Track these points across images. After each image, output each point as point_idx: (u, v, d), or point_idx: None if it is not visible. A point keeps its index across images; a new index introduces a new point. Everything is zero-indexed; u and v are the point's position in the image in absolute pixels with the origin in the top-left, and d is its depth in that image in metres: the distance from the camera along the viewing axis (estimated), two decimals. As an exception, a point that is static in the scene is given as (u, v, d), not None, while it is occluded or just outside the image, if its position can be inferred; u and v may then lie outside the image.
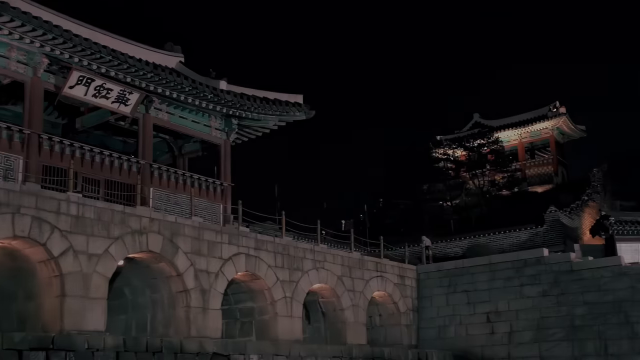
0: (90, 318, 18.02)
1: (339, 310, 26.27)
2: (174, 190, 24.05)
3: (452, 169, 53.38)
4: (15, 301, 18.94)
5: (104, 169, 22.25)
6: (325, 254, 26.10)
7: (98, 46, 20.59)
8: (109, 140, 26.83)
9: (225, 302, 23.15)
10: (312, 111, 27.68)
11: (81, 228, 18.50)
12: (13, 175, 19.29)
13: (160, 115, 24.25)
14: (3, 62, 19.92)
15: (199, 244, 21.56)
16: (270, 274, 23.60)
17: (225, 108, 24.90)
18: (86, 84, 21.37)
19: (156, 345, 18.19)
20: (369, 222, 48.55)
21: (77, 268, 18.09)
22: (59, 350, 16.10)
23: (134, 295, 22.03)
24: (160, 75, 22.22)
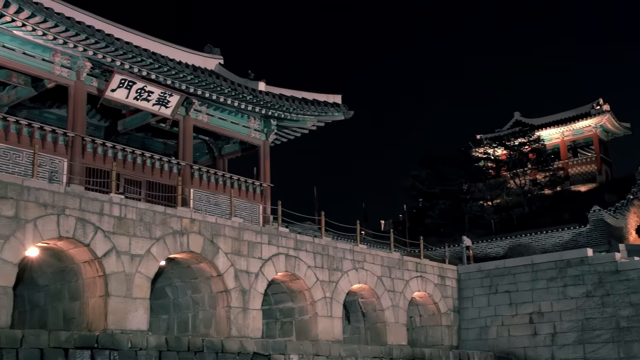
0: (133, 317, 18.26)
1: (379, 310, 26.17)
2: (214, 191, 24.24)
3: (492, 168, 52.79)
4: (61, 300, 19.32)
5: (145, 171, 22.52)
6: (364, 254, 26.03)
7: (139, 49, 20.86)
8: (150, 142, 27.20)
9: (265, 303, 23.26)
10: (351, 111, 27.62)
11: (124, 229, 18.77)
12: (58, 177, 19.65)
13: (200, 117, 24.46)
14: (48, 67, 20.30)
15: (239, 244, 21.69)
16: (309, 274, 23.63)
17: (264, 109, 25.01)
18: (128, 87, 21.67)
19: (197, 344, 18.35)
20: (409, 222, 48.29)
21: (120, 268, 18.36)
22: (104, 349, 16.35)
23: (176, 295, 22.27)
24: (200, 77, 22.41)
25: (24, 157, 18.98)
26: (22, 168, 18.81)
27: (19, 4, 17.80)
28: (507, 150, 51.91)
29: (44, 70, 20.23)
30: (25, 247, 16.74)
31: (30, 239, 16.83)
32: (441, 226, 47.74)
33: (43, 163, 19.32)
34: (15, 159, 18.85)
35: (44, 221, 17.11)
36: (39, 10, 18.30)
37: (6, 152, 18.72)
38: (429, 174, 51.59)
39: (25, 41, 19.60)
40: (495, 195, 48.90)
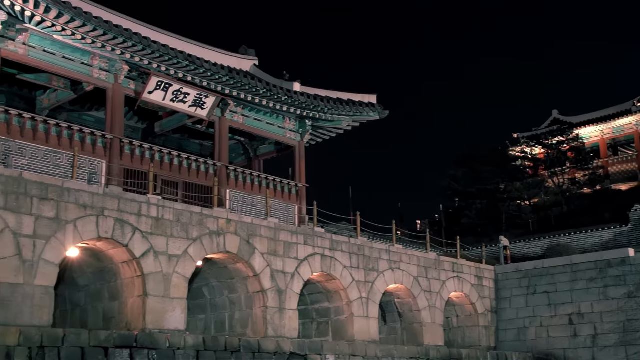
0: (171, 317, 18.44)
1: (415, 311, 26.03)
2: (249, 191, 24.36)
3: (530, 167, 52.12)
4: (101, 300, 19.60)
5: (182, 172, 22.73)
6: (400, 255, 25.91)
7: (175, 52, 21.07)
8: (187, 143, 27.46)
9: (301, 303, 23.30)
10: (386, 111, 27.52)
11: (161, 229, 18.97)
12: (97, 179, 19.95)
13: (235, 118, 24.61)
14: (86, 70, 20.63)
15: (275, 244, 21.76)
16: (345, 274, 23.60)
17: (299, 109, 25.05)
18: (164, 89, 21.90)
19: (234, 344, 18.46)
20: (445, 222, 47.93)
21: (158, 269, 18.56)
22: (142, 349, 16.54)
23: (213, 296, 22.43)
24: (236, 78, 22.54)
25: (64, 159, 19.29)
26: (62, 170, 19.13)
27: (59, 8, 18.12)
28: (545, 149, 51.19)
29: (83, 73, 20.55)
30: (66, 247, 17.03)
31: (71, 239, 17.11)
32: (478, 226, 47.28)
33: (82, 165, 19.62)
34: (56, 161, 19.18)
35: (83, 222, 17.38)
36: (77, 15, 18.60)
37: (47, 155, 19.06)
38: (465, 174, 51.13)
39: (65, 45, 19.94)
40: (533, 194, 48.27)
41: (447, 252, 34.10)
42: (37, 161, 18.82)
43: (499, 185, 49.49)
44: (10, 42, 18.86)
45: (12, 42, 18.92)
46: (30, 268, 16.10)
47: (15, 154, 18.39)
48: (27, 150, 18.69)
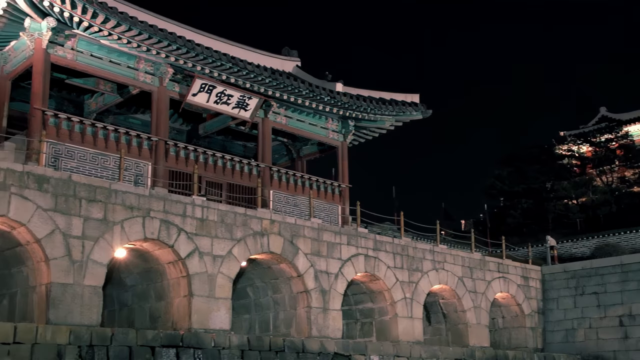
0: (216, 317, 18.62)
1: (460, 311, 25.79)
2: (293, 192, 24.43)
3: (577, 166, 51.14)
4: (147, 300, 19.90)
5: (226, 173, 22.92)
6: (445, 255, 25.70)
7: (219, 54, 21.26)
8: (230, 144, 27.69)
9: (345, 303, 23.28)
10: (429, 110, 27.31)
11: (206, 230, 19.17)
12: (143, 181, 20.25)
13: (278, 119, 24.72)
14: (132, 74, 20.96)
15: (318, 245, 21.80)
16: (389, 274, 23.51)
17: (342, 110, 25.03)
18: (208, 91, 22.11)
19: (279, 344, 18.55)
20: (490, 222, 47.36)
21: (203, 269, 18.76)
22: (188, 348, 16.74)
23: (257, 296, 22.57)
24: (278, 80, 22.64)
25: (111, 162, 19.63)
26: (109, 172, 19.47)
27: (105, 13, 18.46)
28: (592, 147, 50.16)
29: (129, 77, 20.88)
30: (113, 248, 17.34)
31: (118, 240, 17.42)
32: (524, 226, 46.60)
33: (129, 167, 19.94)
34: (103, 163, 19.53)
35: (130, 223, 17.68)
36: (123, 19, 18.91)
37: (95, 157, 19.42)
38: (510, 173, 50.46)
39: (112, 49, 20.30)
40: (580, 193, 47.35)
41: (492, 252, 33.70)
42: (85, 163, 19.18)
43: (546, 185, 48.69)
44: (59, 47, 19.28)
45: (61, 48, 19.34)
46: (79, 268, 16.45)
47: (64, 156, 18.78)
48: (76, 153, 19.07)
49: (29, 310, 16.49)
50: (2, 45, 20.03)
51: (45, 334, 14.72)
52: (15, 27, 18.82)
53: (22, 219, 15.89)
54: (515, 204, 49.20)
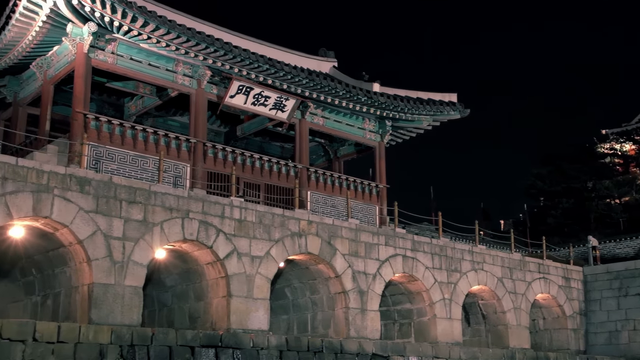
0: (255, 317, 18.73)
1: (499, 312, 25.50)
2: (330, 192, 24.44)
3: (619, 165, 50.24)
4: (187, 300, 20.10)
5: (263, 174, 23.03)
6: (484, 255, 25.45)
7: (256, 56, 21.37)
8: (268, 145, 27.82)
9: (383, 304, 23.21)
10: (467, 110, 27.06)
11: (244, 231, 19.29)
12: (182, 182, 20.46)
13: (315, 120, 24.75)
14: (171, 76, 21.20)
15: (356, 245, 21.77)
16: (427, 275, 23.37)
17: (379, 110, 24.95)
18: (245, 93, 22.24)
19: (317, 345, 18.56)
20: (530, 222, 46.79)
21: (241, 270, 18.89)
22: (227, 348, 16.85)
23: (295, 296, 22.63)
24: (315, 81, 22.67)
25: (150, 163, 19.88)
26: (148, 174, 19.72)
27: (144, 17, 18.70)
28: (636, 145, 49.19)
29: (167, 79, 21.12)
30: (153, 249, 17.55)
31: (158, 241, 17.63)
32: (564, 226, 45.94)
33: (168, 169, 20.16)
34: (143, 165, 19.78)
35: (169, 224, 17.88)
36: (162, 23, 19.14)
37: (135, 159, 19.69)
38: (550, 172, 49.79)
39: (151, 53, 20.55)
40: (623, 192, 46.46)
41: (532, 252, 33.26)
42: (126, 165, 19.45)
43: (587, 184, 47.90)
44: (100, 51, 19.60)
45: (101, 52, 19.66)
46: (120, 269, 16.70)
47: (105, 159, 19.08)
48: (116, 155, 19.35)
49: (72, 310, 16.79)
50: (46, 50, 20.44)
51: (87, 333, 14.97)
52: (58, 32, 19.18)
53: (65, 221, 16.19)
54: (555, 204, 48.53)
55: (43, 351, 14.22)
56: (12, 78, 22.29)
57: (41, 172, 16.04)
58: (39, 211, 15.82)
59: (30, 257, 18.20)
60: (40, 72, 21.00)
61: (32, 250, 17.84)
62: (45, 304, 18.14)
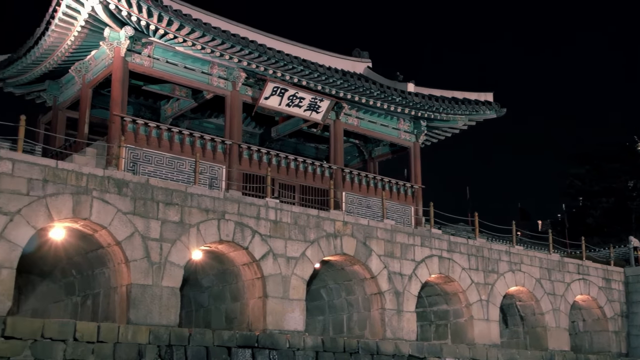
0: (290, 318, 18.76)
1: (538, 314, 25.16)
2: (365, 193, 24.39)
3: (661, 163, 49.20)
4: (223, 301, 20.24)
5: (298, 175, 23.08)
6: (521, 256, 25.15)
7: (290, 57, 21.42)
8: (303, 146, 27.88)
9: (419, 305, 23.08)
10: (504, 109, 26.75)
11: (279, 232, 19.35)
12: (217, 184, 20.61)
13: (350, 121, 24.72)
14: (206, 79, 21.37)
15: (391, 246, 21.69)
16: (464, 276, 23.17)
17: (414, 110, 24.82)
18: (280, 94, 22.32)
19: (353, 346, 18.54)
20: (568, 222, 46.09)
21: (277, 270, 18.95)
22: (263, 349, 16.94)
23: (330, 297, 22.63)
24: (350, 81, 22.64)
25: (186, 165, 20.07)
26: (185, 176, 19.90)
27: (180, 21, 18.89)
28: (678, 143, 48.19)
29: (203, 82, 21.30)
30: (190, 250, 17.71)
31: (194, 242, 17.78)
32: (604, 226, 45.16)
33: (204, 170, 20.33)
34: (179, 167, 19.97)
35: (206, 225, 18.02)
36: (197, 26, 19.31)
37: (171, 161, 19.89)
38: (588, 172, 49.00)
39: (186, 56, 20.75)
40: (666, 192, 45.52)
41: (571, 253, 32.75)
42: (162, 167, 19.66)
43: (627, 183, 47.01)
44: (136, 55, 19.85)
45: (138, 55, 19.90)
46: (157, 270, 16.88)
47: (142, 161, 19.30)
48: (153, 157, 19.57)
49: (111, 310, 17.03)
50: (84, 54, 20.77)
51: (126, 333, 15.18)
52: (96, 37, 19.48)
53: (104, 222, 16.43)
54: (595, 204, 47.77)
55: (83, 350, 14.46)
56: (51, 82, 22.72)
57: (80, 175, 16.31)
58: (79, 213, 16.08)
59: (70, 258, 18.51)
60: (79, 76, 21.35)
61: (72, 251, 18.14)
62: (85, 304, 18.43)
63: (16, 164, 15.42)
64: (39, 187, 15.60)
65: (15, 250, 14.94)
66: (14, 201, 15.16)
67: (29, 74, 21.98)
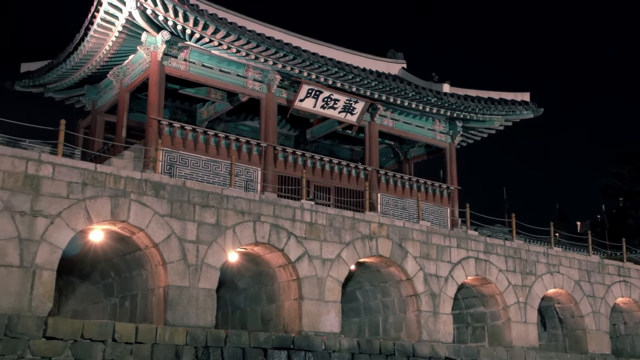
0: (326, 320, 18.78)
1: (577, 317, 24.77)
2: (400, 195, 24.30)
3: None
4: (259, 303, 20.34)
5: (333, 177, 23.10)
6: (560, 258, 24.79)
7: (325, 59, 21.45)
8: (337, 148, 27.89)
9: (455, 307, 22.91)
10: (541, 109, 26.42)
11: (315, 234, 19.39)
12: (253, 186, 20.73)
13: (385, 122, 24.66)
14: (241, 82, 21.51)
15: (427, 248, 21.58)
16: (501, 278, 22.93)
17: (449, 111, 24.65)
18: (315, 97, 22.36)
19: (389, 348, 18.48)
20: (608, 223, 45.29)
21: (312, 272, 18.98)
22: (299, 350, 16.98)
23: (366, 299, 22.59)
24: (384, 83, 22.58)
25: (222, 168, 20.22)
26: (220, 178, 20.06)
27: (215, 24, 19.06)
28: None
29: (238, 85, 21.44)
30: (226, 252, 17.84)
31: (230, 244, 17.91)
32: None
33: (239, 173, 20.46)
34: (215, 169, 20.14)
35: (241, 228, 18.14)
36: (232, 29, 19.46)
37: (207, 164, 20.07)
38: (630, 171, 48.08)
39: (222, 59, 20.92)
40: None
41: (612, 255, 32.19)
42: (198, 170, 19.84)
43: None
44: (173, 59, 20.08)
45: (174, 59, 20.13)
46: (194, 271, 17.04)
47: (178, 164, 19.52)
48: (189, 160, 19.77)
49: (149, 312, 17.24)
50: (122, 59, 21.08)
51: (164, 334, 15.35)
52: (133, 41, 19.75)
53: (141, 225, 16.64)
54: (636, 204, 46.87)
55: (122, 351, 14.66)
56: (90, 87, 23.12)
57: (118, 178, 16.55)
58: (117, 215, 16.31)
59: (108, 260, 18.79)
60: (117, 81, 21.68)
61: (111, 253, 18.41)
62: (123, 305, 18.68)
63: (56, 167, 15.71)
64: (79, 190, 15.88)
65: (55, 253, 15.22)
66: (54, 204, 15.45)
67: (69, 79, 22.40)
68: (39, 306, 14.60)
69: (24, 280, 14.57)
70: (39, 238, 15.01)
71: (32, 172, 15.35)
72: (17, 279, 14.50)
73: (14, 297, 14.36)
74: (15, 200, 14.96)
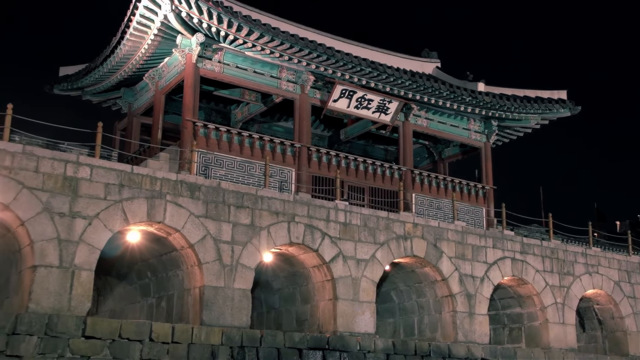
0: (361, 320, 18.75)
1: (617, 318, 24.35)
2: (435, 195, 24.15)
3: None
4: (294, 303, 20.39)
5: (367, 177, 23.05)
6: (598, 258, 24.39)
7: (358, 59, 21.41)
8: (371, 148, 27.82)
9: (491, 308, 22.70)
10: (578, 107, 26.01)
11: (349, 234, 19.37)
12: (287, 187, 20.79)
13: (419, 122, 24.53)
14: (275, 83, 21.59)
15: (462, 248, 21.41)
16: (538, 278, 22.65)
17: (484, 110, 24.41)
18: (348, 97, 22.34)
19: (424, 348, 18.39)
20: (648, 222, 44.41)
21: (347, 273, 18.96)
22: (334, 351, 16.99)
23: (401, 299, 22.50)
24: (418, 82, 22.46)
25: (256, 169, 20.32)
26: (255, 179, 20.16)
27: (249, 26, 19.16)
28: None
29: (272, 86, 21.53)
30: (261, 252, 17.92)
31: (265, 245, 17.99)
32: (689, 226, 43.31)
33: (273, 173, 20.54)
34: (249, 170, 20.25)
35: (276, 228, 18.21)
36: (266, 31, 19.54)
37: (241, 165, 20.18)
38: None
39: (255, 60, 21.03)
40: None
41: (652, 255, 31.54)
42: (233, 171, 19.96)
43: None
44: (207, 61, 20.24)
45: (209, 61, 20.29)
46: (229, 272, 17.16)
47: (213, 165, 19.67)
48: (224, 161, 19.90)
49: (185, 312, 17.40)
50: (157, 62, 21.32)
51: (200, 334, 15.49)
52: (168, 44, 19.97)
53: (177, 225, 16.81)
54: (677, 203, 45.82)
55: (159, 351, 14.83)
56: (126, 90, 23.43)
57: (154, 179, 16.74)
58: (153, 216, 16.51)
59: (145, 261, 19.02)
60: (152, 83, 21.93)
61: (147, 254, 18.64)
62: (159, 305, 18.89)
63: (94, 169, 15.96)
64: (116, 192, 16.10)
65: (94, 253, 15.46)
66: (92, 205, 15.70)
67: (106, 82, 22.73)
68: (78, 306, 14.85)
69: (63, 280, 14.83)
70: (77, 239, 15.26)
71: (71, 174, 15.61)
72: (56, 279, 14.76)
73: (53, 297, 14.63)
74: (55, 201, 15.23)
